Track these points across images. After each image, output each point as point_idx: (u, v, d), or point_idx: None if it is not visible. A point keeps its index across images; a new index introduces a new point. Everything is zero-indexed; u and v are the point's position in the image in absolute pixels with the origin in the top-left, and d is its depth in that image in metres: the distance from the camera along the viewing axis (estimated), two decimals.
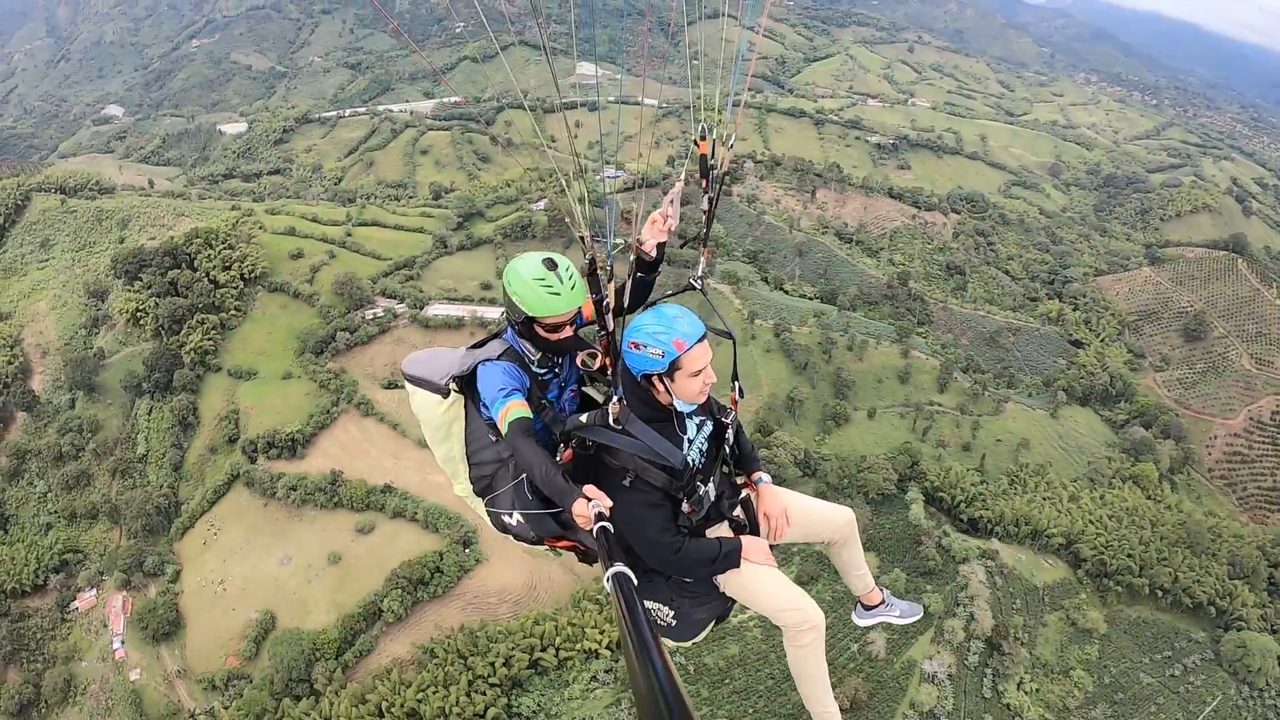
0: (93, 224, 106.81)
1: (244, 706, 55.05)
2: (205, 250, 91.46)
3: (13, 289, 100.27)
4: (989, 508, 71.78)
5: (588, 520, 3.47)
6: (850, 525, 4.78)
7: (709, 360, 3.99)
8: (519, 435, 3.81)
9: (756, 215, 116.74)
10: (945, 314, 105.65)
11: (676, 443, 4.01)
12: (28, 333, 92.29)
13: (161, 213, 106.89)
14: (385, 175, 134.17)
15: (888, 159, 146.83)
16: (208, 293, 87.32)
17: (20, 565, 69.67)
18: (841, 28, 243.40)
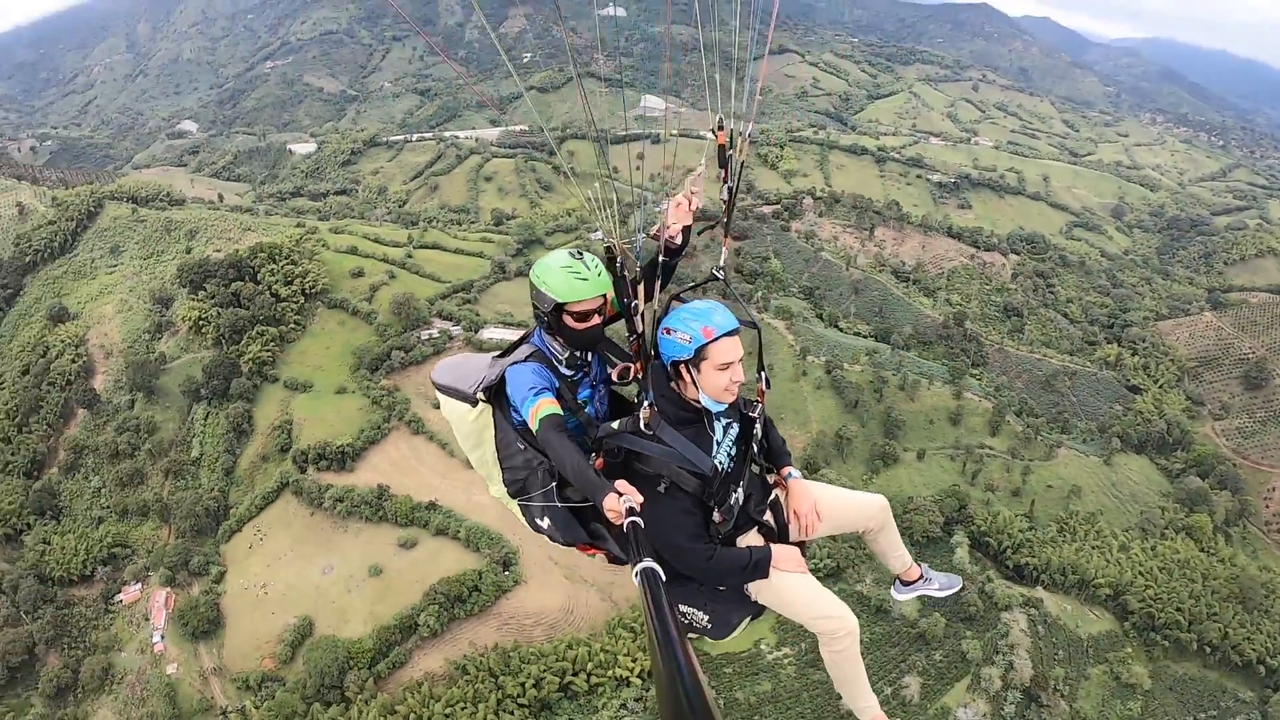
0: (161, 233, 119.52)
1: (275, 708, 61.16)
2: (269, 264, 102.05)
3: (81, 291, 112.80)
4: (1036, 555, 75.36)
5: (619, 515, 3.64)
6: (884, 512, 5.07)
7: (738, 357, 4.27)
8: (550, 430, 4.05)
9: (814, 251, 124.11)
10: (1001, 356, 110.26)
11: (707, 445, 4.28)
12: (93, 334, 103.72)
13: (228, 226, 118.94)
14: (449, 199, 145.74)
15: (949, 198, 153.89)
16: (269, 305, 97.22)
17: (70, 555, 78.70)
18: (905, 65, 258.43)
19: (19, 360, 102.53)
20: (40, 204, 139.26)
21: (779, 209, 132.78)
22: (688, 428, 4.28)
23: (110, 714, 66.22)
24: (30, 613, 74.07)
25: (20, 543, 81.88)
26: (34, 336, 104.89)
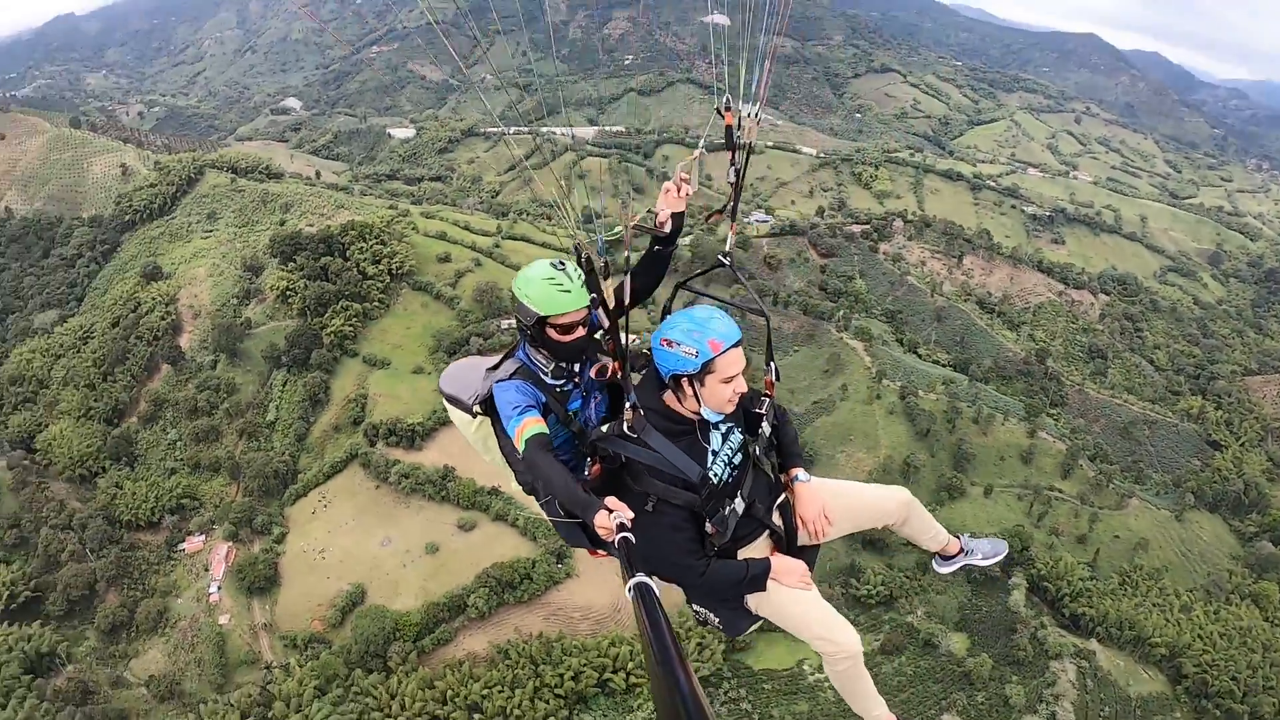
0: (258, 204, 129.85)
1: (318, 668, 66.50)
2: (358, 242, 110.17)
3: (176, 253, 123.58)
4: (1094, 605, 76.43)
5: (609, 532, 3.86)
6: (906, 507, 5.20)
7: (742, 367, 4.41)
8: (536, 451, 4.29)
9: (900, 275, 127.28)
10: (1080, 397, 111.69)
11: (700, 456, 4.43)
12: (183, 294, 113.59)
13: (323, 203, 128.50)
14: (541, 195, 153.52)
15: (1042, 231, 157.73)
16: (355, 282, 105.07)
17: (140, 501, 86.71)
18: (1009, 92, 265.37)
19: (110, 313, 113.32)
20: (143, 167, 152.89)
21: (868, 229, 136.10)
22: (678, 440, 4.39)
23: (160, 655, 72.85)
24: (95, 551, 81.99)
25: (94, 485, 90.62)
26: (127, 292, 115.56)
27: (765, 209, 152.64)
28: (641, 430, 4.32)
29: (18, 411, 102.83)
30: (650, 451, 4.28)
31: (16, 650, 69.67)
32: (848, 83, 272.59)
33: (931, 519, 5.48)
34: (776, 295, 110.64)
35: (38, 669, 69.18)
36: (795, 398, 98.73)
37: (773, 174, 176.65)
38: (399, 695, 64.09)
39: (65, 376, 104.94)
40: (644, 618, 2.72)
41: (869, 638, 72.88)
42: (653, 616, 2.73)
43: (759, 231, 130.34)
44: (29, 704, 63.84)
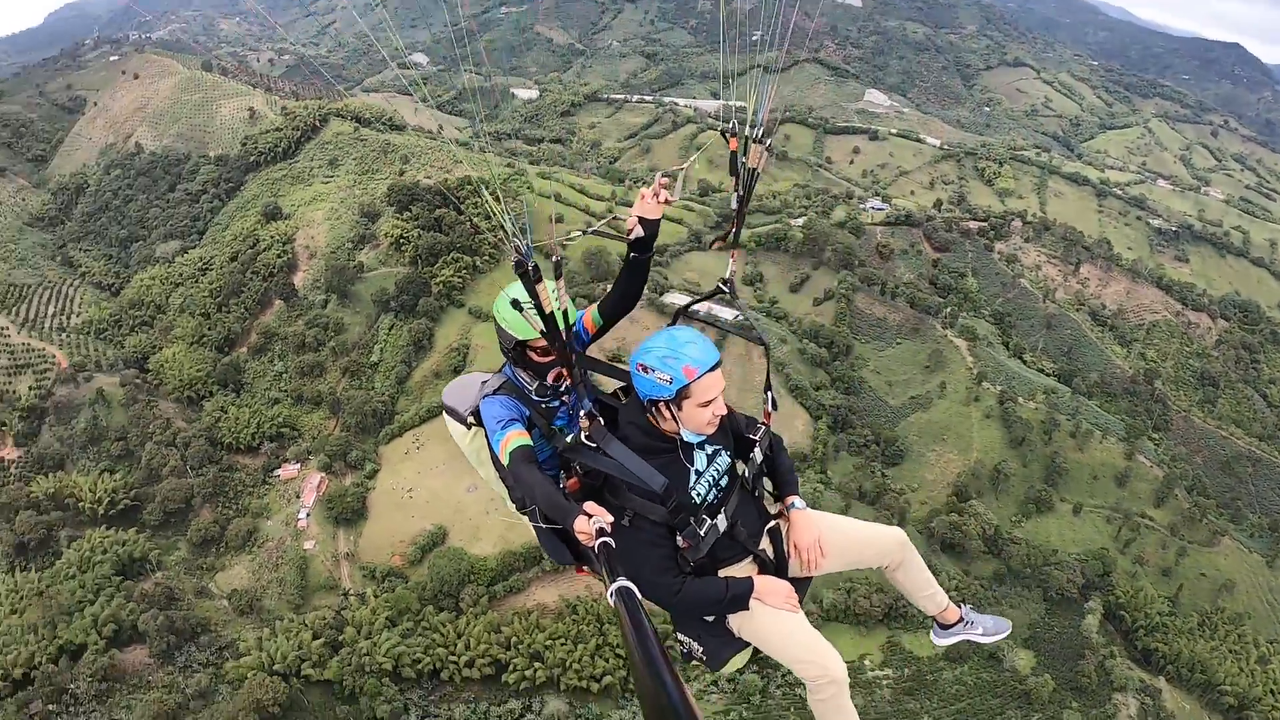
0: (379, 153, 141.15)
1: (392, 600, 74.37)
2: (473, 197, 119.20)
3: (296, 195, 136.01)
4: (1168, 643, 77.84)
5: (589, 536, 4.11)
6: (901, 548, 5.34)
7: (721, 390, 4.62)
8: (519, 463, 4.64)
9: (1013, 277, 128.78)
10: (1185, 424, 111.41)
11: (682, 475, 4.67)
12: (300, 235, 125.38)
13: (442, 156, 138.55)
14: (659, 164, 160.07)
15: (1166, 246, 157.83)
16: (467, 236, 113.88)
17: (242, 426, 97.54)
18: (1144, 98, 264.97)
19: (230, 247, 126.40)
20: (270, 111, 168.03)
21: (985, 227, 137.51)
22: (656, 457, 4.63)
23: (244, 571, 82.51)
24: (195, 469, 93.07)
25: (200, 407, 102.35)
26: (247, 229, 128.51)
27: (882, 196, 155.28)
28: (601, 439, 4.56)
29: (135, 333, 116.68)
30: (612, 461, 4.51)
31: (111, 553, 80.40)
32: (978, 74, 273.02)
33: (929, 573, 5.57)
34: (884, 284, 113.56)
35: (129, 572, 79.60)
36: (893, 390, 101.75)
37: (894, 162, 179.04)
38: (465, 635, 71.17)
39: (182, 304, 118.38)
40: (626, 621, 2.94)
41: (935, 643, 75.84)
42: (635, 619, 2.96)
43: (873, 219, 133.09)
44: (116, 602, 73.70)
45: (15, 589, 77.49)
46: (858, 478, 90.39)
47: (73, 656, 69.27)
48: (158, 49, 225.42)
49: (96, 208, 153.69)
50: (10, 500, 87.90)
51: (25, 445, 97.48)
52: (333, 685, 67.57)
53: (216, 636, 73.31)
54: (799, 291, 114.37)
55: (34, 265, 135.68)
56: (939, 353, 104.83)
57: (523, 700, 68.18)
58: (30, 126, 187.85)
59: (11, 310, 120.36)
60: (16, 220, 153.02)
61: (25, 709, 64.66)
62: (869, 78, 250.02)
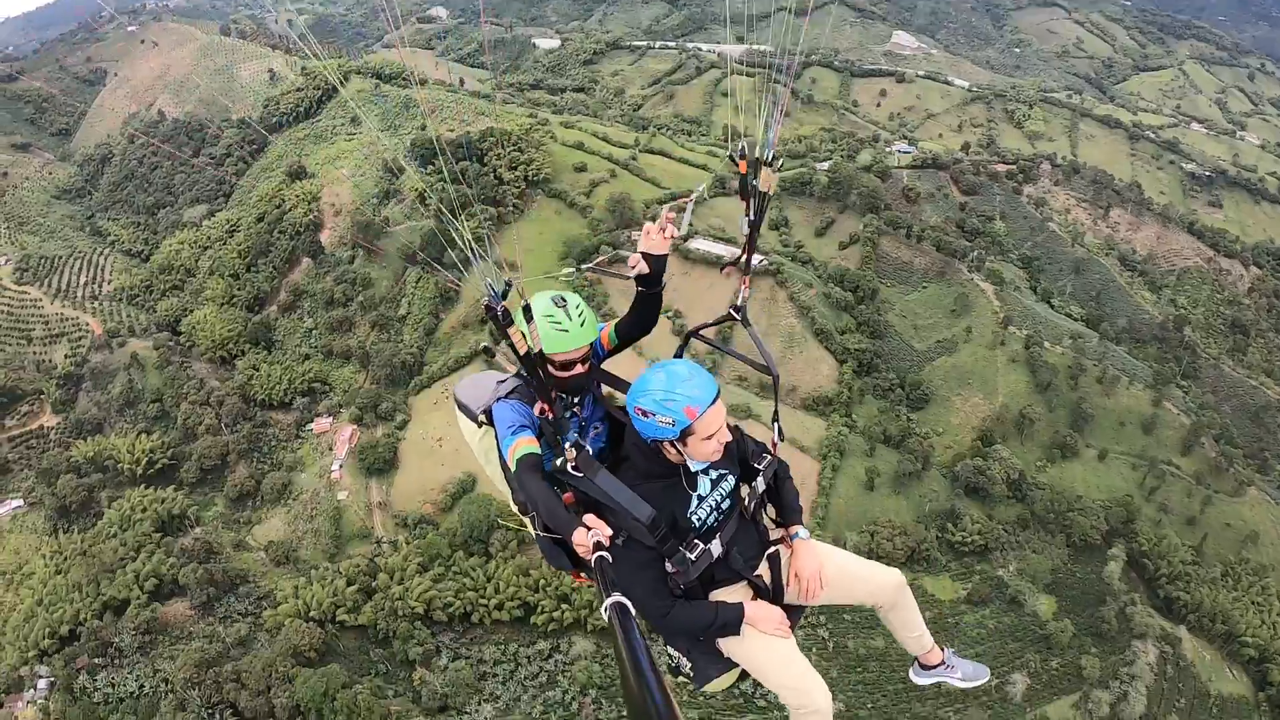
0: (400, 109, 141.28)
1: (424, 546, 75.39)
2: (496, 149, 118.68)
3: (320, 154, 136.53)
4: (1190, 591, 77.54)
5: (587, 550, 4.26)
6: (898, 590, 5.38)
7: (723, 421, 4.67)
8: (525, 471, 4.76)
9: (1041, 220, 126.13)
10: (1214, 373, 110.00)
11: (682, 500, 4.77)
12: (326, 193, 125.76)
13: (464, 109, 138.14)
14: (683, 110, 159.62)
15: (1200, 191, 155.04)
16: (491, 187, 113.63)
17: (274, 383, 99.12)
18: (1179, 39, 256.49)
19: (256, 209, 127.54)
20: (290, 72, 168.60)
21: (1014, 170, 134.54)
22: (658, 481, 4.74)
23: (280, 523, 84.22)
24: (230, 426, 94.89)
25: (233, 366, 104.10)
26: (272, 189, 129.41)
27: (909, 140, 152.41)
28: (588, 469, 4.63)
29: (166, 297, 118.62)
30: (599, 489, 4.58)
31: (150, 511, 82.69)
32: (1008, 15, 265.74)
33: (919, 616, 5.60)
34: (910, 228, 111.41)
35: (168, 529, 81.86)
36: (919, 335, 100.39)
37: (921, 104, 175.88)
38: (495, 579, 72.13)
39: (211, 266, 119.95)
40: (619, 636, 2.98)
41: (958, 586, 76.33)
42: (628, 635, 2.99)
43: (899, 162, 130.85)
44: (157, 558, 75.85)
45: (59, 550, 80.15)
46: (883, 421, 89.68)
47: (116, 612, 71.42)
48: (175, 16, 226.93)
49: (122, 176, 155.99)
50: (51, 465, 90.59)
51: (64, 412, 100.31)
52: (367, 630, 69.02)
53: (255, 587, 75.00)
54: (824, 235, 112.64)
55: (64, 237, 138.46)
56: (965, 296, 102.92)
57: (550, 641, 69.23)
58: (53, 101, 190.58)
59: (44, 281, 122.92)
60: (44, 194, 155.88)
61: (72, 663, 66.92)
62: (896, 19, 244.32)
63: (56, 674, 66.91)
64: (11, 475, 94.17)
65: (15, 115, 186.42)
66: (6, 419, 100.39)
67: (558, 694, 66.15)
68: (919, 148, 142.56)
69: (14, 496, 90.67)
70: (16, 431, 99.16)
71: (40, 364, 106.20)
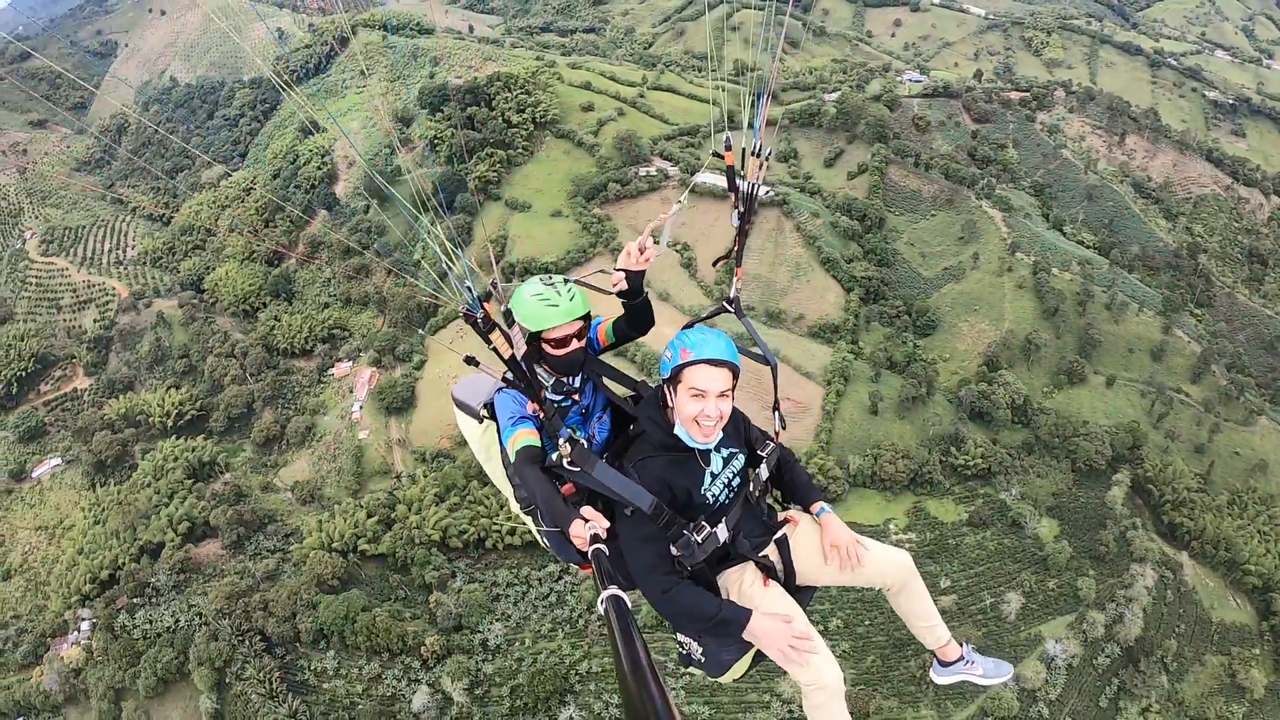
0: (408, 59, 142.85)
1: (440, 478, 78.58)
2: (504, 93, 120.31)
3: (331, 108, 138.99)
4: (1194, 518, 78.09)
5: (584, 542, 4.28)
6: (906, 572, 5.31)
7: (716, 390, 4.62)
8: (524, 463, 4.81)
9: (1054, 148, 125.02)
10: (1229, 301, 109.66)
11: (697, 475, 4.81)
12: (338, 145, 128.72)
13: (471, 55, 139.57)
14: (693, 46, 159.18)
15: (1223, 120, 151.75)
16: (500, 130, 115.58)
17: (295, 332, 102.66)
18: None
19: (271, 166, 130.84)
20: (298, 29, 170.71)
21: (1027, 97, 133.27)
22: (671, 454, 4.79)
23: (305, 464, 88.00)
24: (254, 375, 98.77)
25: (255, 319, 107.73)
26: (286, 146, 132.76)
27: (920, 69, 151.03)
28: (584, 462, 4.61)
29: (188, 258, 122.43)
30: (598, 481, 4.57)
31: (182, 460, 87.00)
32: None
33: (932, 604, 5.56)
34: (919, 156, 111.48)
35: (199, 475, 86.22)
36: (926, 262, 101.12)
37: (937, 33, 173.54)
38: (507, 505, 74.96)
39: (231, 224, 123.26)
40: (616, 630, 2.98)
41: (960, 508, 77.61)
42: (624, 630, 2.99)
43: (910, 90, 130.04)
44: (189, 503, 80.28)
45: (97, 502, 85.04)
46: (888, 347, 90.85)
47: (152, 555, 76.09)
48: None
49: (139, 145, 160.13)
50: (86, 424, 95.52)
51: (95, 374, 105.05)
52: (386, 558, 72.78)
53: (282, 525, 79.24)
54: (833, 166, 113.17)
55: (85, 207, 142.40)
56: (973, 224, 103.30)
57: (561, 563, 72.00)
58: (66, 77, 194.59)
59: (69, 251, 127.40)
60: (65, 168, 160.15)
61: (112, 605, 71.40)
62: None
63: (98, 615, 71.32)
64: (49, 437, 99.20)
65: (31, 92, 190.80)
66: (41, 384, 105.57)
67: (565, 612, 69.36)
68: (930, 76, 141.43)
69: (53, 456, 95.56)
70: (51, 396, 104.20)
71: (70, 330, 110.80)
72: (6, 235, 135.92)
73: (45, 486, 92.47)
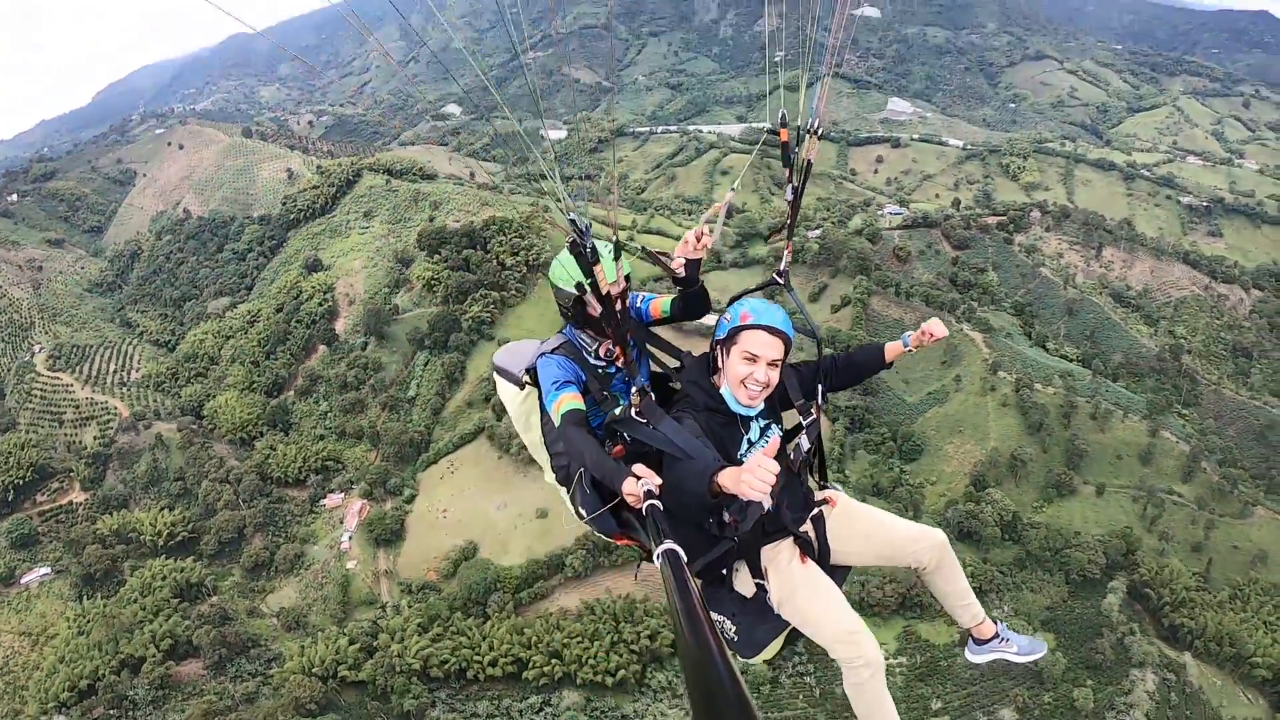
0: (410, 202, 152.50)
1: (424, 609, 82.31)
2: (499, 236, 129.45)
3: (335, 246, 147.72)
4: (1194, 617, 79.52)
5: (638, 499, 4.30)
6: (938, 549, 5.41)
7: (769, 358, 4.87)
8: (570, 426, 4.89)
9: (1033, 267, 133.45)
10: (1216, 398, 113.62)
11: (735, 439, 4.99)
12: (340, 283, 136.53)
13: (470, 200, 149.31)
14: (684, 190, 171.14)
15: (1198, 223, 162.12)
16: (494, 272, 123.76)
17: (290, 462, 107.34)
18: (1171, 76, 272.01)
19: (275, 300, 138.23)
20: (307, 170, 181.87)
21: (1004, 220, 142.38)
22: (715, 416, 4.97)
23: (292, 591, 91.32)
24: (247, 501, 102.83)
25: (252, 447, 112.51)
26: (290, 281, 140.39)
27: (899, 201, 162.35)
28: (651, 415, 4.83)
29: (190, 384, 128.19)
30: (662, 436, 4.71)
31: (170, 579, 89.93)
32: (1002, 72, 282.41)
33: (966, 582, 5.64)
34: (899, 286, 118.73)
35: (187, 596, 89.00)
36: (910, 388, 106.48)
37: (917, 168, 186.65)
38: (489, 637, 78.64)
39: (233, 355, 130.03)
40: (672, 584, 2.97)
41: (952, 629, 78.96)
42: (681, 583, 2.96)
43: (890, 223, 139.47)
44: (173, 620, 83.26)
45: (83, 614, 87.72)
46: (874, 474, 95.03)
47: (133, 669, 78.39)
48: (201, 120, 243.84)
49: (150, 271, 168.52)
50: (78, 537, 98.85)
51: (92, 489, 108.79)
52: (366, 685, 75.26)
53: (266, 649, 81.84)
54: (817, 301, 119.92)
55: (95, 328, 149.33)
56: (955, 347, 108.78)
57: (542, 695, 74.85)
58: (85, 200, 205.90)
59: (75, 368, 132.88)
60: (77, 288, 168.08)
61: (89, 714, 73.95)
62: (892, 86, 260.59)
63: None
64: (41, 546, 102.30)
65: (50, 213, 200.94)
66: (38, 494, 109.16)
67: None
68: (909, 209, 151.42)
69: (42, 565, 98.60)
70: (47, 506, 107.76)
71: (70, 445, 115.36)
72: (16, 348, 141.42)
73: (33, 594, 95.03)
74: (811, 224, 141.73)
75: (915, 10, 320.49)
